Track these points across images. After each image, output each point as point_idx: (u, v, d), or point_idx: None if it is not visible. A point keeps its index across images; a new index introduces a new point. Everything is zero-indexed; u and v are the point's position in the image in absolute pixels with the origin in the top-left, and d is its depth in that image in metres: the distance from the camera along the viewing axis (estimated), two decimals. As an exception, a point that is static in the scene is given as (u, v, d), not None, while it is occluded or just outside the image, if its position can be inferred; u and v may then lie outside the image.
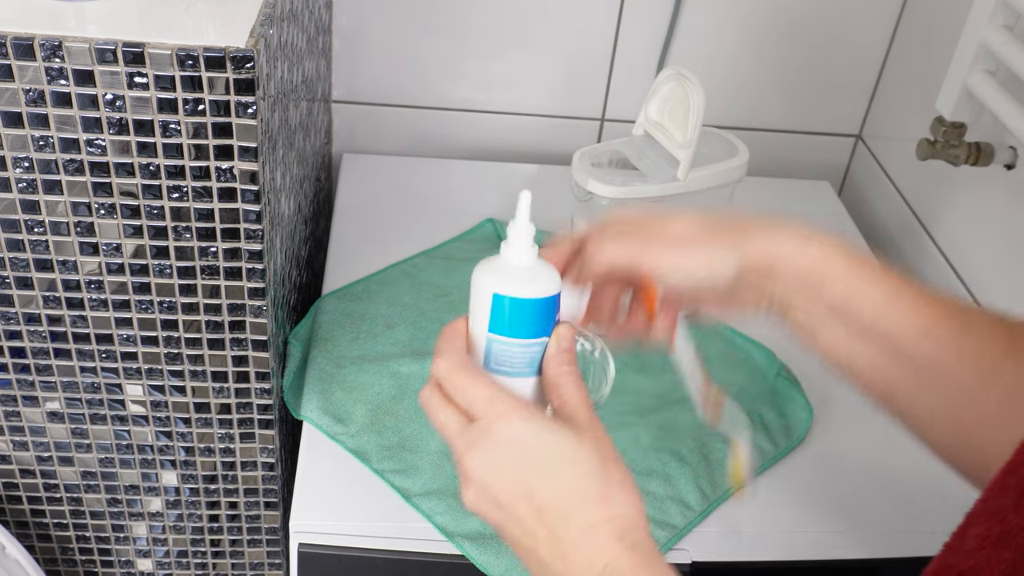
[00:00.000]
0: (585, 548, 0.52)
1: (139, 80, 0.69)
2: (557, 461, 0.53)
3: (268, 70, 0.74)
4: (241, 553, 1.01)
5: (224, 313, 0.81)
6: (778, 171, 1.32)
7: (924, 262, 1.13)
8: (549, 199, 1.19)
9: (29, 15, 0.70)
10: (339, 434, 0.85)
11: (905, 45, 1.22)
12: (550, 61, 1.24)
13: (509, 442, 0.54)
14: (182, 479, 0.93)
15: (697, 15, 1.21)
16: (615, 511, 0.53)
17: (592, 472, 0.53)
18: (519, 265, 0.59)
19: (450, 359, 0.57)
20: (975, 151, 0.94)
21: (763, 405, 0.92)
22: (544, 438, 0.54)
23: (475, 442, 0.54)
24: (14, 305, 0.80)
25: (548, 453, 0.53)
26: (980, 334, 0.55)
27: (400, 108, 1.27)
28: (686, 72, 0.86)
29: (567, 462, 0.53)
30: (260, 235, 0.77)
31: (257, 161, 0.73)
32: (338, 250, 1.08)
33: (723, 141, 0.96)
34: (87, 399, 0.87)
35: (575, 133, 1.29)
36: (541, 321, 0.58)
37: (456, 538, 0.78)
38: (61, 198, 0.74)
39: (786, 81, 1.27)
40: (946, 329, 0.56)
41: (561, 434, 0.54)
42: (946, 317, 0.57)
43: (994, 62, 0.91)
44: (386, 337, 0.95)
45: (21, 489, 0.94)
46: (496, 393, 0.55)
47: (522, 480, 0.53)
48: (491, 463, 0.54)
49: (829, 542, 0.82)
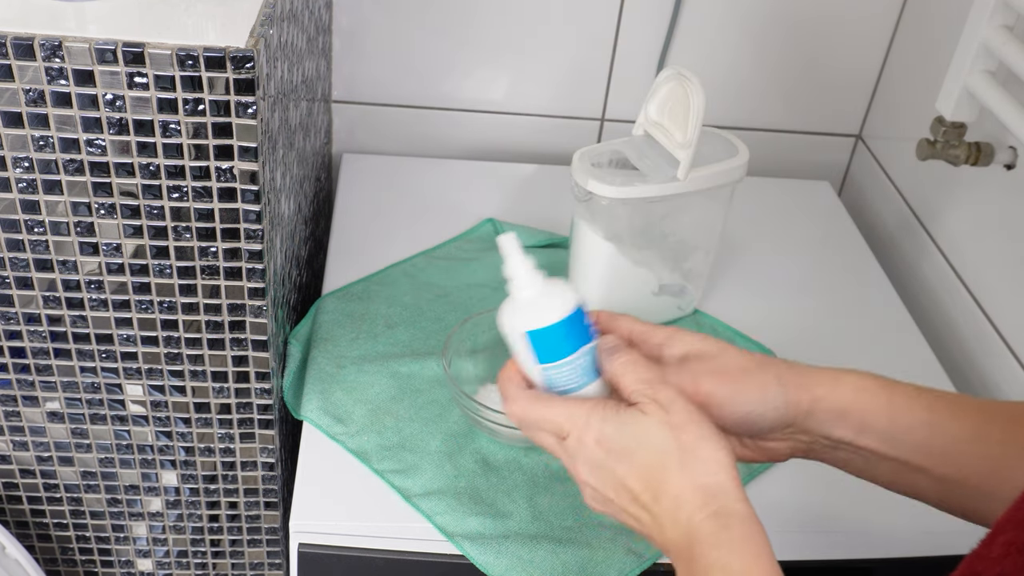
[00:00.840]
0: (675, 520, 0.55)
1: (139, 80, 0.69)
2: (633, 445, 0.57)
3: (268, 70, 0.74)
4: (241, 553, 1.01)
5: (224, 313, 0.81)
6: (778, 171, 1.32)
7: (924, 262, 1.13)
8: (549, 199, 1.19)
9: (29, 15, 0.70)
10: (339, 434, 0.85)
11: (905, 45, 1.22)
12: (550, 61, 1.24)
13: (597, 444, 0.58)
14: (182, 479, 0.93)
15: (697, 15, 1.21)
16: (699, 478, 0.55)
17: (665, 445, 0.56)
18: (531, 298, 0.62)
19: (518, 400, 0.62)
20: (975, 151, 0.94)
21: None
22: (620, 430, 0.57)
23: (575, 454, 0.59)
24: (14, 305, 0.80)
25: (624, 441, 0.57)
26: None
27: (400, 108, 1.27)
28: (686, 72, 0.86)
29: (641, 443, 0.56)
30: (260, 235, 0.77)
31: (257, 161, 0.73)
32: (338, 250, 1.08)
33: (723, 141, 0.96)
34: (87, 399, 0.87)
35: (575, 133, 1.29)
36: (576, 333, 0.61)
37: (456, 538, 0.78)
38: (61, 198, 0.74)
39: (786, 81, 1.27)
40: (990, 427, 0.60)
41: (630, 419, 0.57)
42: (988, 417, 0.60)
43: (994, 62, 0.91)
44: (386, 337, 0.95)
45: (21, 489, 0.94)
46: (571, 408, 0.59)
47: (614, 473, 0.57)
48: (590, 467, 0.58)
49: (828, 542, 0.82)
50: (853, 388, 0.61)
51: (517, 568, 0.76)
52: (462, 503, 0.80)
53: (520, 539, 0.78)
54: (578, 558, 0.77)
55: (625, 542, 0.78)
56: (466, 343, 0.89)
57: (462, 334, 0.89)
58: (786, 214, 1.22)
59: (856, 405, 0.61)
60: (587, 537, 0.78)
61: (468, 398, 0.82)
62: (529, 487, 0.82)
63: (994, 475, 0.59)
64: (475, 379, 0.90)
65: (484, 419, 0.83)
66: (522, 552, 0.77)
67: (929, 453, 0.60)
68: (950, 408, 0.61)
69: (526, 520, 0.79)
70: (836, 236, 1.20)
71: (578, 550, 0.77)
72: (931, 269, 1.11)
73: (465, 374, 0.89)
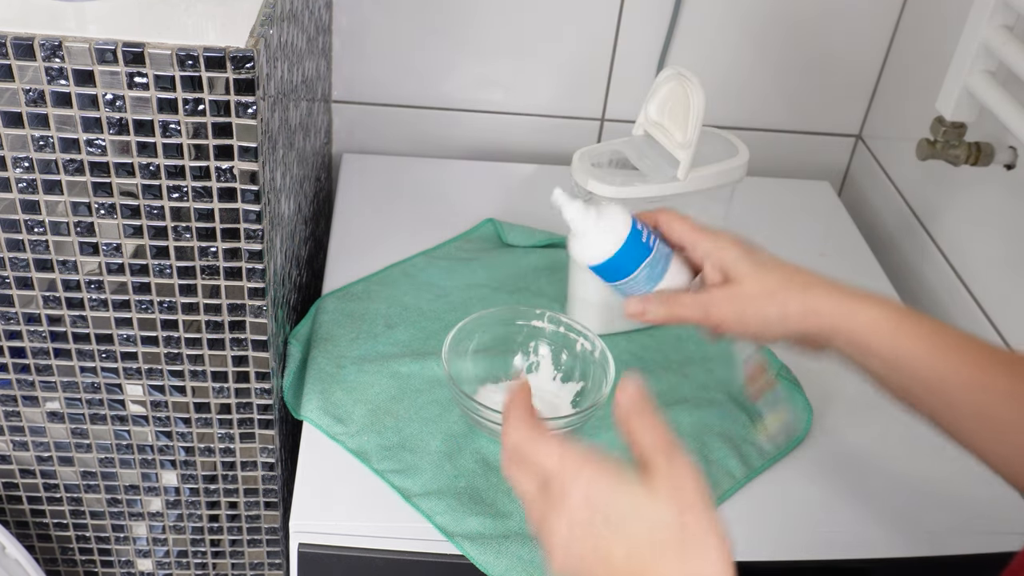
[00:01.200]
0: None
1: (139, 80, 0.69)
2: (629, 517, 0.50)
3: (268, 70, 0.74)
4: (241, 553, 1.01)
5: (224, 313, 0.81)
6: (778, 171, 1.32)
7: (924, 262, 1.13)
8: (549, 199, 1.19)
9: (29, 15, 0.70)
10: (339, 434, 0.85)
11: (905, 45, 1.22)
12: (550, 61, 1.24)
13: (583, 502, 0.51)
14: (182, 479, 0.93)
15: (697, 15, 1.21)
16: (693, 568, 0.49)
17: (666, 525, 0.50)
18: (588, 234, 0.69)
19: (519, 428, 0.56)
20: (975, 151, 0.94)
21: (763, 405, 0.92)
22: (616, 491, 0.51)
23: (550, 509, 0.52)
24: (14, 305, 0.80)
25: (620, 509, 0.50)
26: None
27: (400, 108, 1.27)
28: (686, 72, 0.86)
29: (640, 518, 0.50)
30: (260, 235, 0.77)
31: (257, 161, 0.73)
32: (338, 250, 1.08)
33: (723, 141, 0.96)
34: (87, 399, 0.87)
35: (575, 133, 1.29)
36: (632, 254, 0.68)
37: (456, 538, 0.78)
38: (61, 198, 0.74)
39: (786, 81, 1.27)
40: (992, 375, 0.61)
41: (634, 487, 0.51)
42: (993, 363, 0.61)
43: (994, 62, 0.91)
44: (386, 337, 0.95)
45: (21, 489, 0.94)
46: (565, 451, 0.53)
47: (597, 543, 0.50)
48: (567, 529, 0.51)
49: (828, 542, 0.82)
50: (866, 322, 0.64)
51: (517, 568, 0.76)
52: (462, 503, 0.80)
53: (520, 539, 0.78)
54: (578, 558, 0.77)
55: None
56: (466, 343, 0.89)
57: (462, 334, 0.89)
58: (786, 214, 1.22)
59: (865, 338, 0.64)
60: (587, 537, 0.78)
61: (468, 398, 0.82)
62: (529, 487, 0.82)
63: None
64: (475, 379, 0.90)
65: (484, 419, 0.83)
66: (522, 552, 0.77)
67: (929, 389, 0.63)
68: (959, 354, 0.63)
69: (526, 520, 0.79)
70: (836, 236, 1.20)
71: (578, 550, 0.77)
72: (931, 269, 1.11)
73: (465, 374, 0.89)
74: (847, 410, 0.93)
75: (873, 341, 0.64)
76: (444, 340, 0.87)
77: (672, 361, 0.97)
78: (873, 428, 0.91)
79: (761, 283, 0.66)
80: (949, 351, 0.63)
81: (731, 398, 0.92)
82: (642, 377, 0.56)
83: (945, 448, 0.67)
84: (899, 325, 0.64)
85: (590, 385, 0.89)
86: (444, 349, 0.86)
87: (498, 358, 0.91)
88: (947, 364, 0.62)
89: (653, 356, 0.97)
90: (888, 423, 0.68)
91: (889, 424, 0.68)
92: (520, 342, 0.92)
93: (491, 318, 0.91)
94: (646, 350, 0.98)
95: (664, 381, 0.94)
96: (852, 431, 0.92)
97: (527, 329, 0.92)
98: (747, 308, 0.66)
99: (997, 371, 0.61)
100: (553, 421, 0.84)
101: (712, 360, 0.97)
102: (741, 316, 0.66)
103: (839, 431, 0.92)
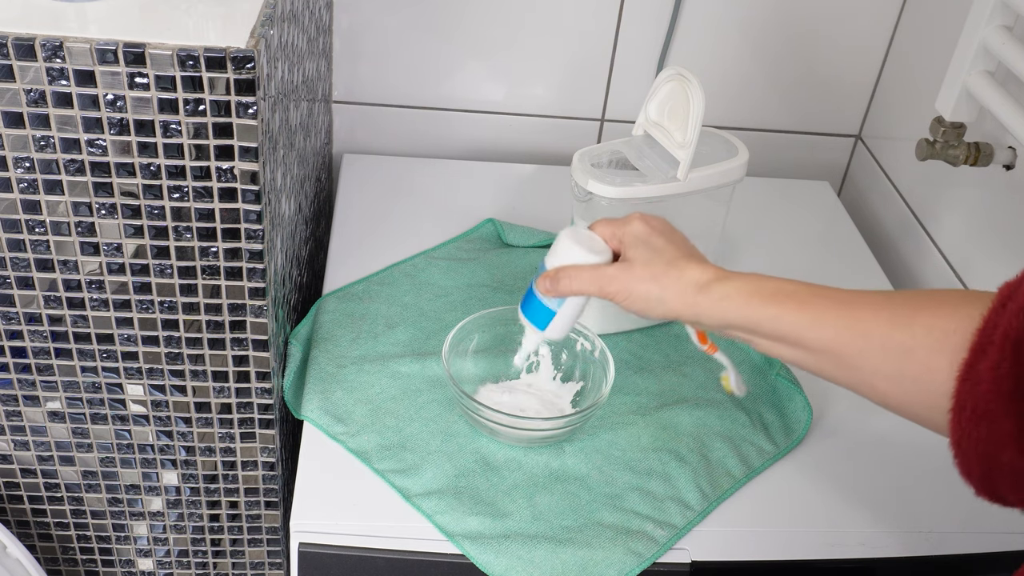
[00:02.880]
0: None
1: (140, 80, 0.69)
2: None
3: (268, 70, 0.74)
4: (242, 553, 1.01)
5: (225, 313, 0.82)
6: (778, 171, 1.32)
7: (924, 262, 1.13)
8: (549, 199, 1.19)
9: (30, 16, 0.70)
10: (339, 434, 0.86)
11: (905, 45, 1.22)
12: (550, 61, 1.24)
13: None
14: (183, 479, 0.93)
15: (697, 15, 1.21)
16: None
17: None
18: None
19: None
20: (974, 151, 0.94)
21: (763, 405, 0.92)
22: None
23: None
24: (15, 305, 0.80)
25: None
26: (861, 313, 0.62)
27: (400, 108, 1.27)
28: (686, 72, 0.86)
29: None
30: (261, 235, 0.77)
31: (258, 161, 0.73)
32: (338, 250, 1.08)
33: (723, 141, 0.96)
34: (88, 399, 0.87)
35: (575, 133, 1.30)
36: None
37: (456, 538, 0.78)
38: (62, 198, 0.75)
39: (786, 81, 1.27)
40: (832, 315, 0.64)
41: None
42: (829, 305, 0.64)
43: (993, 62, 0.91)
44: (386, 337, 0.95)
45: (22, 488, 0.94)
46: None
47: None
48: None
49: (828, 542, 0.82)
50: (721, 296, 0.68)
51: (517, 568, 0.76)
52: (462, 503, 0.80)
53: (520, 539, 0.78)
54: (578, 558, 0.77)
55: (625, 542, 0.78)
56: (466, 343, 0.90)
57: (462, 334, 0.89)
58: (786, 214, 1.22)
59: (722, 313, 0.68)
60: (587, 537, 0.78)
61: (468, 398, 0.83)
62: (529, 487, 0.82)
63: None
64: (475, 379, 0.90)
65: (484, 419, 0.83)
66: (522, 552, 0.77)
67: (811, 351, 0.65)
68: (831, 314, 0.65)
69: (526, 520, 0.79)
70: (836, 236, 1.20)
71: (578, 550, 0.77)
72: (931, 269, 1.11)
73: (465, 374, 0.89)
74: (847, 410, 0.93)
75: (729, 313, 0.68)
76: (444, 340, 0.87)
77: (672, 361, 0.97)
78: (873, 428, 0.91)
79: (647, 266, 0.71)
80: (789, 299, 0.66)
81: (731, 398, 0.92)
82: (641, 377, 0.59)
83: (945, 447, 0.67)
84: (751, 293, 0.67)
85: (590, 385, 0.90)
86: (444, 349, 0.86)
87: (498, 358, 0.92)
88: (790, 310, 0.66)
89: (653, 356, 0.97)
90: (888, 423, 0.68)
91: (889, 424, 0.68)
92: (520, 342, 0.92)
93: (491, 318, 0.91)
94: (646, 350, 0.98)
95: (664, 381, 0.94)
96: (852, 430, 0.92)
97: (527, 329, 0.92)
98: (633, 287, 0.71)
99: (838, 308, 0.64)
100: (553, 421, 0.84)
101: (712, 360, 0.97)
102: (629, 294, 0.71)
103: (839, 431, 0.92)
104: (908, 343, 0.59)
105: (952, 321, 0.57)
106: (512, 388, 0.90)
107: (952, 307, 0.58)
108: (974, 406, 0.53)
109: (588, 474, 0.84)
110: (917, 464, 0.88)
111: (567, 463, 0.84)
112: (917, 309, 0.60)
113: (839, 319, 0.63)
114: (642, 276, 0.71)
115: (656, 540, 0.79)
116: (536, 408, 0.88)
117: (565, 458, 0.85)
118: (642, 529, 0.79)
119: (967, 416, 0.54)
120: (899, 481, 0.87)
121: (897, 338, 0.60)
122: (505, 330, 0.91)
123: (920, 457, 0.88)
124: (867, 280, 1.12)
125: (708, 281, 0.69)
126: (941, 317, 0.58)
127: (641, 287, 0.71)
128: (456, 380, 0.84)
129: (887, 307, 0.62)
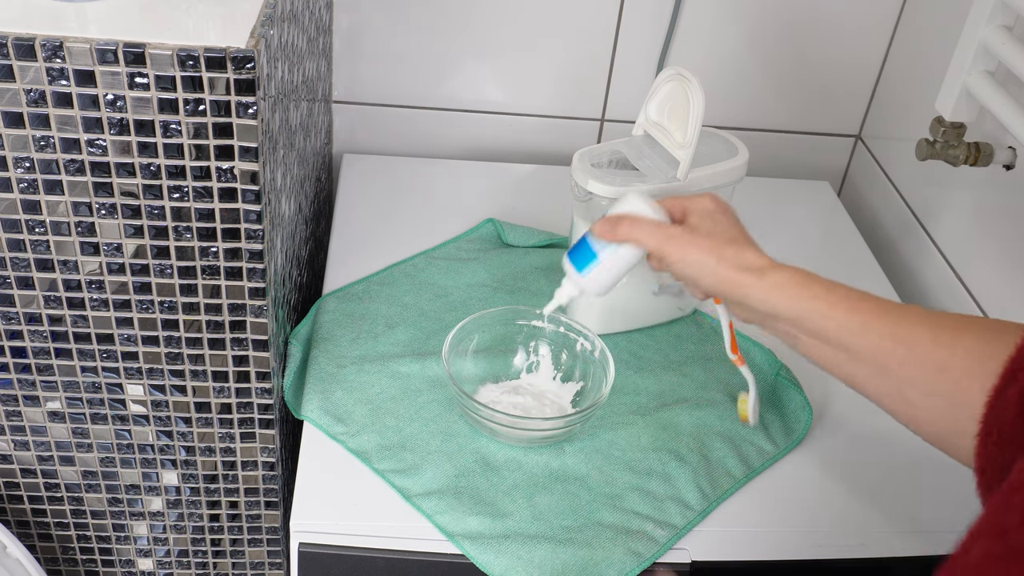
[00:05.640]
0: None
1: (140, 80, 0.69)
2: None
3: (268, 70, 0.74)
4: (242, 553, 1.01)
5: (225, 313, 0.82)
6: (778, 171, 1.32)
7: (924, 262, 1.13)
8: (549, 199, 1.19)
9: (30, 16, 0.70)
10: (339, 434, 0.86)
11: (905, 45, 1.22)
12: (550, 61, 1.24)
13: None
14: (183, 479, 0.93)
15: (697, 15, 1.21)
16: None
17: None
18: None
19: None
20: (974, 151, 0.94)
21: (763, 405, 0.92)
22: None
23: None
24: (15, 305, 0.80)
25: None
26: (908, 325, 0.63)
27: (400, 108, 1.27)
28: (686, 72, 0.86)
29: None
30: (261, 235, 0.77)
31: (258, 161, 0.73)
32: (338, 250, 1.08)
33: (723, 141, 0.96)
34: (88, 399, 0.87)
35: (575, 133, 1.30)
36: None
37: (456, 538, 0.78)
38: (62, 198, 0.75)
39: (786, 81, 1.27)
40: (880, 323, 0.65)
41: None
42: (879, 313, 0.65)
43: (993, 62, 0.91)
44: (386, 337, 0.95)
45: (22, 488, 0.94)
46: None
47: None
48: None
49: (829, 542, 0.82)
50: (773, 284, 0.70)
51: (517, 568, 0.76)
52: (462, 503, 0.80)
53: (520, 539, 0.78)
54: (578, 558, 0.77)
55: (625, 542, 0.78)
56: (466, 343, 0.90)
57: (462, 334, 0.89)
58: (786, 214, 1.22)
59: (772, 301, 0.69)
60: (587, 537, 0.78)
61: (468, 398, 0.83)
62: (529, 487, 0.82)
63: None
64: (475, 379, 0.90)
65: (484, 419, 0.83)
66: (522, 552, 0.77)
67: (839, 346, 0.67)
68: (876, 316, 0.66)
69: (526, 520, 0.79)
70: (836, 236, 1.20)
71: (578, 550, 0.77)
72: (931, 269, 1.11)
73: (465, 374, 0.89)
74: (847, 409, 0.93)
75: (779, 302, 0.69)
76: (444, 340, 0.87)
77: (672, 361, 0.97)
78: (873, 428, 0.91)
79: (709, 237, 0.73)
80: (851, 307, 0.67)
81: (731, 398, 0.92)
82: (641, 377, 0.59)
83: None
84: (802, 286, 0.69)
85: (590, 385, 0.90)
86: (444, 349, 0.86)
87: (498, 358, 0.92)
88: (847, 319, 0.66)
89: (653, 356, 0.97)
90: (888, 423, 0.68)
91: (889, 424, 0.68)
92: (520, 342, 0.92)
93: (491, 318, 0.91)
94: (646, 350, 0.98)
95: (664, 381, 0.94)
96: (852, 430, 0.92)
97: (527, 329, 0.92)
98: (690, 252, 0.72)
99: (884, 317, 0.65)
100: (553, 421, 0.84)
101: (712, 360, 0.97)
102: (683, 256, 0.72)
103: (839, 430, 0.92)
104: (947, 361, 0.60)
105: (992, 346, 0.58)
106: (512, 388, 0.90)
107: (995, 333, 0.59)
108: (1000, 431, 0.53)
109: (588, 474, 0.84)
110: (917, 464, 0.88)
111: (567, 463, 0.84)
112: (962, 330, 0.61)
113: (885, 327, 0.64)
114: (702, 245, 0.72)
115: (656, 540, 0.79)
116: (536, 408, 0.88)
117: (565, 458, 0.85)
118: (642, 529, 0.79)
119: (993, 441, 0.54)
120: (899, 481, 0.87)
121: (938, 355, 0.61)
122: (505, 330, 0.91)
123: (920, 457, 0.88)
124: (867, 280, 1.12)
125: (763, 267, 0.70)
126: (983, 341, 0.59)
127: (698, 255, 0.72)
128: (456, 380, 0.84)
129: (933, 324, 0.62)
